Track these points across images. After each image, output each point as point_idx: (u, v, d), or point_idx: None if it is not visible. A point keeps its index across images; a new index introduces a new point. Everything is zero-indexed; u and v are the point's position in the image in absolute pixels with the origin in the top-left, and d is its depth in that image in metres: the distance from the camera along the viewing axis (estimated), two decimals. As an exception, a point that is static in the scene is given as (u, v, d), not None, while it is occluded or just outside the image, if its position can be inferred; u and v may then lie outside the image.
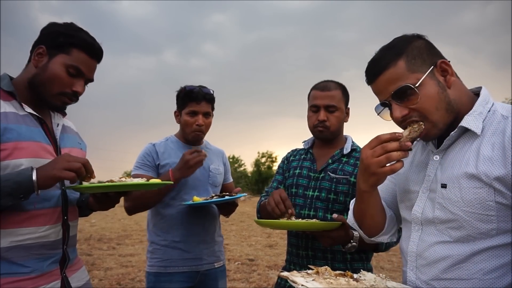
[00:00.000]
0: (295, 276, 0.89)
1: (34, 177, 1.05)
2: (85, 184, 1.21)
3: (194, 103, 1.91)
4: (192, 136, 1.97)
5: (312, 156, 1.76)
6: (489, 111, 0.94)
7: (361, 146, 1.73)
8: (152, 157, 1.92)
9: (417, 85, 0.93)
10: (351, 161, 1.66)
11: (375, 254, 1.98)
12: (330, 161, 1.68)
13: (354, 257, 1.59)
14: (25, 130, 1.16)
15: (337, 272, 1.01)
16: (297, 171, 1.76)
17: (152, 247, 1.94)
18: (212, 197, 1.83)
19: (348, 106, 1.73)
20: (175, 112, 2.03)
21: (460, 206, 0.90)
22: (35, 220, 1.17)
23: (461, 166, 0.92)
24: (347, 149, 1.68)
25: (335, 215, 1.45)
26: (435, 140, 1.05)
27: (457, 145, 0.97)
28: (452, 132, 0.96)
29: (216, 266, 1.98)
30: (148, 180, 1.35)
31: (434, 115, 0.95)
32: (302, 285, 0.86)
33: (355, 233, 1.48)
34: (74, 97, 1.27)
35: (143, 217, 2.03)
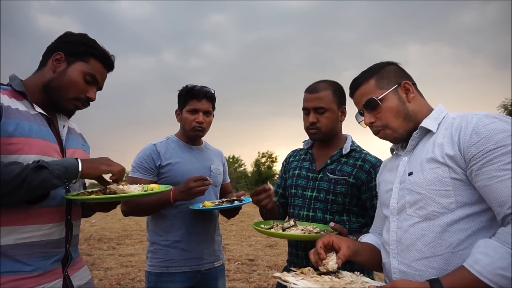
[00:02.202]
0: (286, 276, 0.98)
1: (79, 165, 1.17)
2: (82, 195, 1.27)
3: (195, 100, 1.93)
4: (191, 133, 1.97)
5: (311, 157, 1.76)
6: (444, 117, 1.17)
7: (361, 146, 1.74)
8: (152, 158, 1.91)
9: (379, 97, 1.20)
10: (350, 161, 1.65)
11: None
12: (328, 161, 1.68)
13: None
14: (36, 128, 1.21)
15: (317, 272, 1.11)
16: (296, 171, 1.76)
17: (153, 247, 1.93)
18: (223, 202, 1.85)
19: (345, 105, 1.70)
20: (176, 111, 2.04)
21: (424, 185, 1.09)
22: (40, 218, 1.19)
23: (422, 155, 1.13)
24: (346, 149, 1.67)
25: (331, 224, 1.46)
26: (404, 148, 1.25)
27: (419, 145, 1.19)
28: (414, 133, 1.19)
29: (216, 265, 1.99)
30: (143, 185, 1.39)
31: (393, 122, 1.20)
32: (293, 283, 0.95)
33: (353, 239, 1.48)
34: (86, 102, 1.35)
35: (143, 217, 2.03)
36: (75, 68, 1.29)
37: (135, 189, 1.33)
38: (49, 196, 1.19)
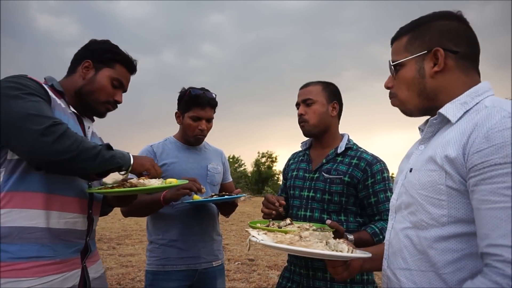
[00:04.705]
0: (252, 231, 1.08)
1: (131, 159, 1.32)
2: (103, 189, 1.36)
3: (199, 108, 1.93)
4: (193, 139, 2.00)
5: (308, 157, 1.77)
6: (477, 103, 0.91)
7: (362, 145, 1.73)
8: None
9: (396, 62, 1.02)
10: (346, 160, 1.65)
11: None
12: (324, 161, 1.68)
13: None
14: (72, 123, 1.32)
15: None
16: (294, 173, 1.78)
17: (151, 246, 1.96)
18: (212, 196, 1.86)
19: (336, 102, 1.72)
20: (176, 113, 2.04)
21: (417, 188, 0.91)
22: (66, 206, 1.27)
23: (428, 151, 0.93)
24: (341, 148, 1.68)
25: (328, 221, 1.45)
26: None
27: (438, 135, 0.96)
28: (432, 119, 0.98)
29: (214, 265, 1.99)
30: (162, 179, 1.48)
31: (403, 94, 1.02)
32: (253, 236, 1.03)
33: (350, 237, 1.48)
34: (115, 105, 1.46)
35: (143, 217, 2.04)
36: (103, 74, 1.40)
37: (155, 183, 1.39)
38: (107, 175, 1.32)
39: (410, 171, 0.97)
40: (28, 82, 1.20)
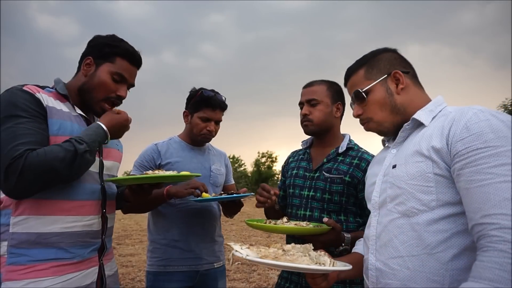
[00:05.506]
0: (234, 245, 1.08)
1: (106, 131, 1.31)
2: (120, 176, 1.41)
3: (210, 109, 1.94)
4: (200, 140, 2.00)
5: (309, 156, 1.77)
6: (440, 111, 1.10)
7: (362, 145, 1.74)
8: (152, 157, 1.93)
9: (364, 89, 1.17)
10: (347, 160, 1.65)
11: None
12: (325, 160, 1.68)
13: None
14: (76, 128, 1.32)
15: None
16: (294, 171, 1.77)
17: (152, 246, 1.94)
18: (221, 194, 1.86)
19: (340, 102, 1.72)
20: (184, 112, 2.04)
21: (405, 180, 1.03)
22: (81, 210, 1.30)
23: (409, 148, 1.07)
24: (342, 147, 1.68)
25: (325, 219, 1.45)
26: (394, 139, 1.21)
27: (410, 138, 1.12)
28: (405, 124, 1.12)
29: (215, 266, 1.99)
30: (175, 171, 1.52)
31: (378, 115, 1.17)
32: (236, 250, 1.03)
33: (347, 236, 1.48)
34: (118, 100, 1.43)
35: (143, 217, 2.05)
36: (103, 70, 1.37)
37: (169, 174, 1.43)
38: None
39: (394, 167, 1.09)
40: (15, 97, 1.18)
